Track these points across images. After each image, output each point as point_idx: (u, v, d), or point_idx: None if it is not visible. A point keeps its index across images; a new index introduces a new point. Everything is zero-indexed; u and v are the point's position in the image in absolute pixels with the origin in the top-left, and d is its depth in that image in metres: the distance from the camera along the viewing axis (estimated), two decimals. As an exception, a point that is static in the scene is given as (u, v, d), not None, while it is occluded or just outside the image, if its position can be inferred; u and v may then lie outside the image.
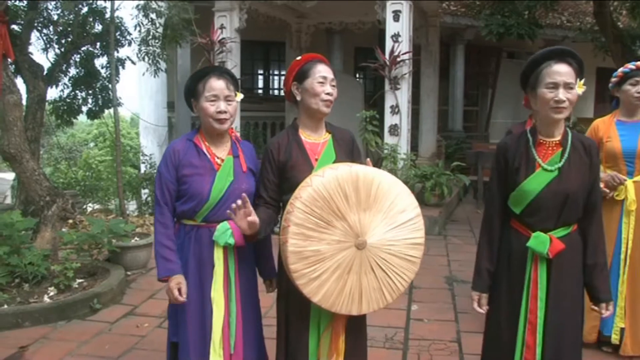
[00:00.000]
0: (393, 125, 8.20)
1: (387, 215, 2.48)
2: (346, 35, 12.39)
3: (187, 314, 2.68)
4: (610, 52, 11.07)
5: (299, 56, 2.82)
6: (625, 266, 3.89)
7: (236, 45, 8.68)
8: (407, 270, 2.54)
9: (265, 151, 2.76)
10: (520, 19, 10.73)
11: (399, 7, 8.10)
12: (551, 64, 2.45)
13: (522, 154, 2.56)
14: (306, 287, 2.42)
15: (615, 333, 3.91)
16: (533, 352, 2.52)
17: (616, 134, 3.93)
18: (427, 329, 4.47)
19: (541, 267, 2.53)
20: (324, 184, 2.41)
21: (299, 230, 2.39)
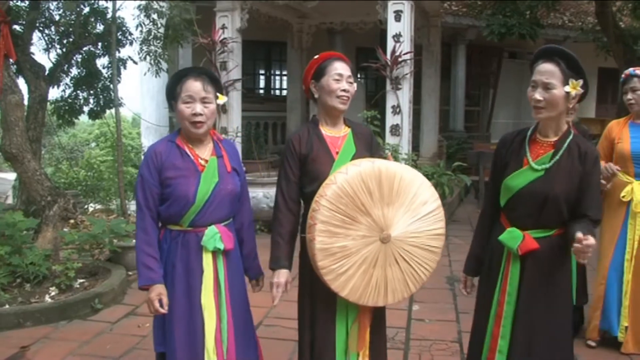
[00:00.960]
0: (394, 125, 8.19)
1: (409, 208, 2.55)
2: (347, 36, 12.38)
3: (174, 323, 2.60)
4: (612, 52, 11.05)
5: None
6: (630, 266, 3.90)
7: (237, 45, 8.68)
8: (430, 261, 2.63)
9: (286, 145, 2.78)
10: (522, 19, 10.73)
11: (401, 7, 8.09)
12: (539, 63, 2.45)
13: (515, 149, 2.58)
14: (334, 283, 2.50)
15: (621, 332, 3.95)
16: (496, 341, 2.56)
17: (627, 136, 3.95)
18: (429, 329, 4.47)
19: (514, 264, 2.55)
20: (347, 181, 2.47)
21: (325, 227, 2.46)
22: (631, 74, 3.92)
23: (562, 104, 2.43)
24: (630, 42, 11.32)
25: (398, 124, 8.16)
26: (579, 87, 2.41)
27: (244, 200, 2.85)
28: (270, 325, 4.48)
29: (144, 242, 2.59)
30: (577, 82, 2.40)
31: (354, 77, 2.78)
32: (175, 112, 2.63)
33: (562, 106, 2.45)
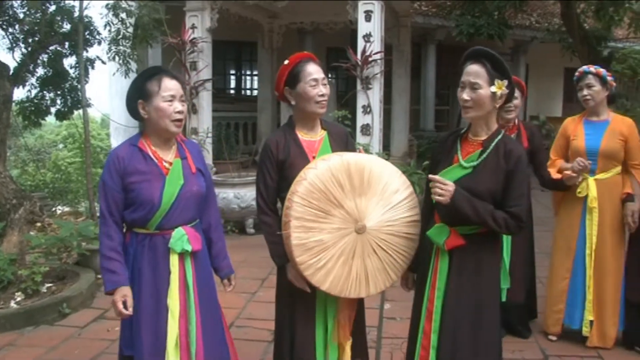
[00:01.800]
0: (365, 125, 8.21)
1: (381, 197, 2.59)
2: (318, 35, 12.40)
3: (141, 326, 2.57)
4: (577, 52, 11.28)
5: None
6: (591, 261, 3.99)
7: (207, 45, 8.62)
8: (407, 248, 2.67)
9: (263, 150, 2.79)
10: (490, 19, 10.87)
11: (371, 7, 8.12)
12: (467, 65, 2.51)
13: (448, 147, 2.64)
14: (314, 277, 2.52)
15: (585, 326, 4.03)
16: (428, 338, 2.59)
17: (582, 133, 4.03)
18: (400, 328, 4.48)
19: (442, 259, 2.59)
20: (317, 176, 2.51)
21: (299, 223, 2.49)
22: (585, 71, 3.99)
23: (488, 103, 2.49)
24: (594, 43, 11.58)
25: (369, 123, 8.18)
26: (504, 87, 2.47)
27: (210, 200, 2.84)
28: (242, 326, 4.45)
29: (107, 247, 2.55)
30: (502, 82, 2.47)
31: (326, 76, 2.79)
32: (149, 111, 2.55)
33: (489, 106, 2.50)
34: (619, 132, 3.94)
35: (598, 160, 3.95)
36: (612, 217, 3.98)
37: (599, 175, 3.97)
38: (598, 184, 3.95)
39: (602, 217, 3.96)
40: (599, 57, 10.75)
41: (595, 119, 4.05)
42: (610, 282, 3.99)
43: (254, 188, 2.99)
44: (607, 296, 3.99)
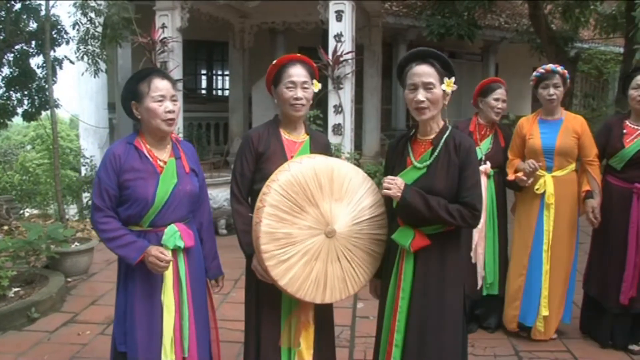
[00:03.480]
0: (336, 124, 8.24)
1: (355, 208, 2.61)
2: (289, 35, 12.38)
3: (136, 322, 2.62)
4: (545, 52, 11.46)
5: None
6: (548, 257, 4.09)
7: (178, 45, 8.55)
8: (369, 264, 2.68)
9: (244, 140, 2.83)
10: (460, 19, 10.99)
11: (342, 7, 8.14)
12: (412, 66, 2.52)
13: (399, 151, 2.66)
14: (274, 269, 2.50)
15: (539, 321, 4.13)
16: (394, 336, 2.61)
17: (537, 132, 4.11)
18: (373, 326, 4.45)
19: (407, 260, 2.60)
20: (301, 171, 2.53)
21: (273, 211, 2.48)
22: (553, 70, 4.05)
23: (441, 101, 2.55)
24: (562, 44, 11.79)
25: (340, 123, 8.21)
26: (452, 84, 2.53)
27: (203, 200, 2.91)
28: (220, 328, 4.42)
29: (112, 230, 2.60)
30: (451, 80, 2.53)
31: (312, 80, 2.81)
32: (140, 111, 2.64)
33: (441, 104, 2.56)
34: (572, 130, 4.04)
35: (554, 158, 4.05)
36: (567, 213, 4.09)
37: (556, 172, 4.06)
38: (555, 181, 4.05)
39: (558, 213, 4.06)
40: (566, 58, 10.95)
41: (549, 118, 4.14)
42: (562, 276, 4.12)
43: (226, 189, 3.02)
44: (557, 291, 4.12)
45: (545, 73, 4.06)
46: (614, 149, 4.04)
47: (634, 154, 3.95)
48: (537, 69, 4.14)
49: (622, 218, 3.99)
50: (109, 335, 2.83)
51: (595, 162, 4.08)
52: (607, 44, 16.49)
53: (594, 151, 4.07)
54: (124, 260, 2.62)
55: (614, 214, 4.03)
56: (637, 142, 3.96)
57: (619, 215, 4.01)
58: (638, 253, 3.95)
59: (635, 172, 3.96)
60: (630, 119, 4.07)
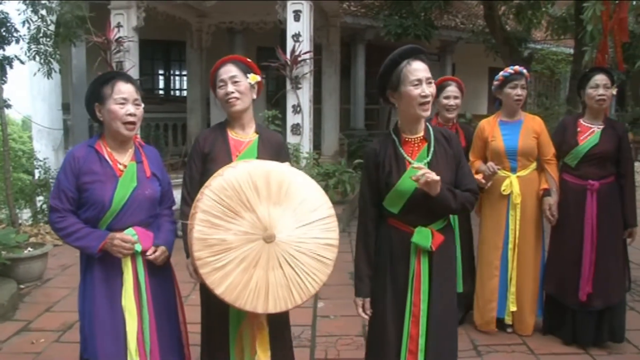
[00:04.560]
0: (295, 124, 8.25)
1: (297, 212, 2.52)
2: (248, 35, 12.31)
3: (96, 328, 2.59)
4: (500, 53, 11.69)
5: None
6: (514, 255, 4.17)
7: (134, 45, 8.42)
8: (318, 271, 2.53)
9: (193, 143, 2.86)
10: (417, 20, 11.09)
11: (300, 7, 8.15)
12: (410, 62, 2.54)
13: (391, 156, 2.61)
14: (210, 277, 2.40)
15: (508, 315, 4.24)
16: (416, 342, 2.60)
17: (499, 134, 4.19)
18: (334, 325, 4.54)
19: (424, 261, 2.60)
20: (235, 175, 2.46)
21: (205, 217, 2.41)
22: (521, 72, 4.14)
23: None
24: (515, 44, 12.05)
25: (299, 123, 8.22)
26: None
27: (167, 204, 2.89)
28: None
29: (70, 226, 2.60)
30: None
31: (245, 74, 2.82)
32: (103, 114, 2.64)
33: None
34: (532, 130, 4.15)
35: (517, 159, 4.15)
36: (532, 211, 4.20)
37: (520, 172, 4.17)
38: (520, 181, 4.14)
39: (523, 212, 4.16)
40: (520, 58, 11.18)
41: (510, 120, 4.23)
42: (530, 273, 4.23)
43: (183, 190, 2.96)
44: (527, 287, 4.22)
45: (515, 74, 4.13)
46: (568, 146, 4.16)
47: (587, 151, 4.07)
48: (505, 69, 4.20)
49: (578, 215, 4.11)
50: (65, 342, 2.79)
51: (553, 161, 4.20)
52: (559, 45, 16.93)
53: (552, 150, 4.19)
54: (85, 252, 2.60)
55: (569, 211, 4.14)
56: (590, 139, 4.08)
57: (574, 212, 4.12)
58: (593, 249, 4.06)
59: (589, 169, 4.08)
60: (584, 117, 4.19)
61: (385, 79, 2.61)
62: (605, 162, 4.08)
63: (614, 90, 4.10)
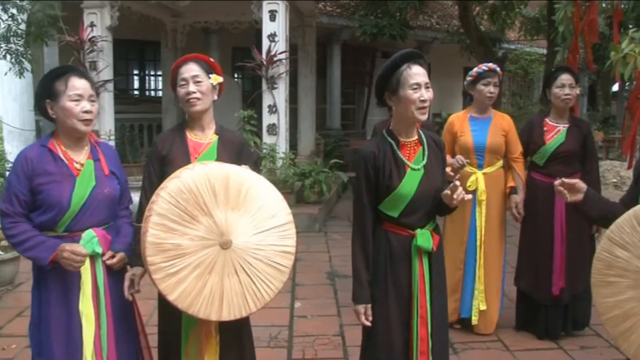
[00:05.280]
0: (271, 124, 8.24)
1: (254, 218, 2.44)
2: (223, 35, 12.26)
3: (51, 333, 2.48)
4: (475, 52, 11.82)
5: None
6: (481, 252, 4.22)
7: (108, 45, 8.35)
8: (274, 279, 2.46)
9: (152, 146, 2.78)
10: (392, 20, 11.17)
11: (275, 7, 8.15)
12: (410, 66, 2.52)
13: (390, 159, 2.58)
14: (163, 283, 2.31)
15: (474, 314, 4.26)
16: (426, 343, 2.58)
17: (469, 129, 4.24)
18: (311, 325, 4.54)
19: (425, 263, 2.61)
20: (192, 177, 2.37)
21: (161, 220, 2.31)
22: (495, 69, 4.19)
23: None
24: (490, 44, 12.20)
25: (275, 123, 8.22)
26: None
27: (124, 204, 2.79)
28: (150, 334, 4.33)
29: (21, 234, 2.45)
30: None
31: (207, 74, 2.74)
32: (56, 111, 2.50)
33: None
34: (501, 128, 4.21)
35: (485, 155, 4.21)
36: (497, 208, 4.26)
37: (486, 169, 4.23)
38: (486, 178, 4.20)
39: (489, 209, 4.21)
40: (494, 58, 11.33)
41: (480, 116, 4.28)
42: (495, 271, 4.28)
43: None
44: (492, 285, 4.27)
45: (488, 71, 4.17)
46: (536, 145, 4.23)
47: (554, 150, 4.16)
48: (479, 66, 4.24)
49: (547, 212, 4.18)
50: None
51: (520, 159, 4.27)
52: (532, 45, 17.17)
53: (519, 149, 4.26)
54: (36, 262, 2.47)
55: (539, 209, 4.21)
56: (556, 138, 4.17)
57: (544, 209, 4.19)
58: (563, 244, 4.15)
59: (557, 167, 4.14)
60: (550, 116, 4.28)
61: (384, 82, 2.59)
62: (571, 160, 4.17)
63: (578, 89, 4.20)
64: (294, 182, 8.07)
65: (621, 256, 2.11)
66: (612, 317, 2.14)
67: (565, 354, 4.03)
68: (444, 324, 2.73)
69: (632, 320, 2.08)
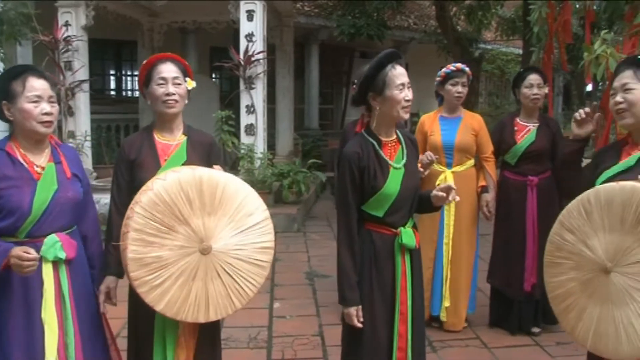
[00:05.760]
0: (249, 124, 8.22)
1: (233, 219, 2.44)
2: (201, 35, 12.20)
3: (11, 343, 2.37)
4: (452, 52, 11.91)
5: (152, 55, 2.75)
6: (449, 250, 4.29)
7: (83, 44, 8.25)
8: (256, 275, 2.49)
9: (119, 150, 2.69)
10: (370, 20, 11.21)
11: (253, 6, 8.14)
12: (394, 66, 2.55)
13: (374, 159, 2.59)
14: (148, 295, 2.33)
15: (443, 311, 4.31)
16: (405, 339, 2.62)
17: (438, 129, 4.30)
18: (290, 326, 4.54)
19: (407, 260, 2.64)
20: (165, 188, 2.34)
21: (139, 236, 2.30)
22: (463, 69, 4.25)
23: None
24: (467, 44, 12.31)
25: (253, 123, 8.20)
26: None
27: (88, 208, 2.69)
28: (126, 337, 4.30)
29: None
30: None
31: (184, 77, 2.69)
32: (13, 112, 2.40)
33: None
34: (471, 127, 4.28)
35: (454, 154, 4.27)
36: (467, 207, 4.30)
37: (455, 168, 4.28)
38: (455, 177, 4.24)
39: (458, 207, 4.25)
40: (471, 58, 11.44)
41: (450, 116, 4.35)
42: (464, 268, 4.33)
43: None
44: (461, 282, 4.33)
45: (456, 71, 4.23)
46: (507, 145, 4.31)
47: (525, 149, 4.23)
48: (447, 66, 4.30)
49: (520, 210, 4.25)
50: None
51: (491, 159, 4.34)
52: (508, 45, 17.37)
53: (490, 148, 4.34)
54: None
55: (512, 207, 4.29)
56: (527, 138, 4.24)
57: (516, 207, 4.26)
58: (535, 241, 4.21)
59: (528, 166, 4.24)
60: (520, 116, 4.36)
61: (369, 82, 2.59)
62: (542, 158, 4.24)
63: (547, 88, 4.29)
64: (272, 182, 8.07)
65: (569, 239, 2.22)
66: (557, 295, 2.26)
67: (542, 350, 4.09)
68: (422, 320, 2.77)
69: (571, 298, 2.21)
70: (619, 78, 2.36)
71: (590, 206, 2.16)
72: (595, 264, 2.14)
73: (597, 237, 2.15)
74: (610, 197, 2.12)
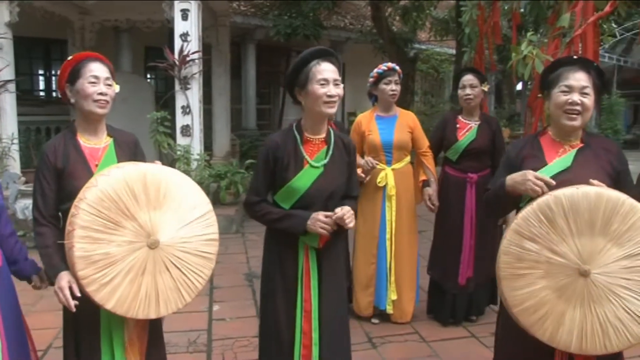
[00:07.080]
0: (185, 125, 8.11)
1: (177, 212, 2.46)
2: (135, 34, 11.93)
3: None
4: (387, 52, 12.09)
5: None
6: (391, 245, 4.37)
7: (8, 42, 7.92)
8: (204, 267, 2.52)
9: (40, 156, 2.54)
10: (306, 20, 11.26)
11: (188, 6, 8.03)
12: (320, 62, 2.57)
13: (291, 152, 2.64)
14: (98, 294, 2.29)
15: (389, 305, 4.41)
16: (309, 337, 2.65)
17: (376, 128, 4.37)
18: (230, 328, 4.50)
19: (312, 259, 2.67)
20: (110, 184, 2.32)
21: (85, 233, 2.27)
22: (394, 68, 4.33)
23: None
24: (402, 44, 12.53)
25: (189, 124, 8.09)
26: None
27: (1, 211, 2.58)
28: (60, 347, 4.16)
29: None
30: None
31: (113, 79, 2.61)
32: None
33: None
34: (406, 125, 4.38)
35: (393, 152, 4.35)
36: (406, 203, 4.42)
37: (395, 165, 4.38)
38: (395, 174, 4.35)
39: (399, 203, 4.36)
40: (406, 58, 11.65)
41: (386, 115, 4.42)
42: (407, 263, 4.44)
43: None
44: (405, 276, 4.43)
45: (388, 70, 4.31)
46: (449, 142, 4.43)
47: (466, 146, 4.36)
48: (379, 67, 4.37)
49: (459, 206, 4.39)
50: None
51: (428, 153, 4.46)
52: (442, 45, 17.76)
53: (426, 143, 4.46)
54: None
55: (451, 202, 4.42)
56: (468, 135, 4.37)
57: (455, 203, 4.40)
58: (472, 237, 4.36)
59: (469, 163, 4.37)
60: (462, 114, 4.49)
61: (294, 77, 2.63)
62: (482, 156, 4.39)
63: (485, 87, 4.42)
64: (209, 183, 7.98)
65: (531, 248, 2.20)
66: (526, 307, 2.21)
67: (478, 342, 4.21)
68: (338, 320, 2.74)
69: (545, 307, 2.19)
70: (575, 78, 2.34)
71: (551, 213, 2.17)
72: (570, 268, 2.16)
73: (565, 243, 2.17)
74: (574, 203, 2.15)
